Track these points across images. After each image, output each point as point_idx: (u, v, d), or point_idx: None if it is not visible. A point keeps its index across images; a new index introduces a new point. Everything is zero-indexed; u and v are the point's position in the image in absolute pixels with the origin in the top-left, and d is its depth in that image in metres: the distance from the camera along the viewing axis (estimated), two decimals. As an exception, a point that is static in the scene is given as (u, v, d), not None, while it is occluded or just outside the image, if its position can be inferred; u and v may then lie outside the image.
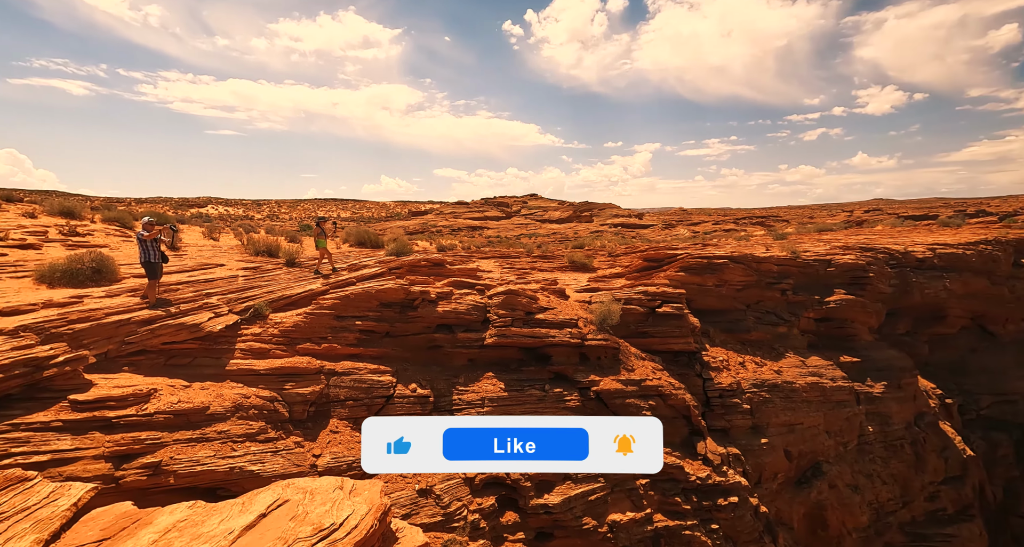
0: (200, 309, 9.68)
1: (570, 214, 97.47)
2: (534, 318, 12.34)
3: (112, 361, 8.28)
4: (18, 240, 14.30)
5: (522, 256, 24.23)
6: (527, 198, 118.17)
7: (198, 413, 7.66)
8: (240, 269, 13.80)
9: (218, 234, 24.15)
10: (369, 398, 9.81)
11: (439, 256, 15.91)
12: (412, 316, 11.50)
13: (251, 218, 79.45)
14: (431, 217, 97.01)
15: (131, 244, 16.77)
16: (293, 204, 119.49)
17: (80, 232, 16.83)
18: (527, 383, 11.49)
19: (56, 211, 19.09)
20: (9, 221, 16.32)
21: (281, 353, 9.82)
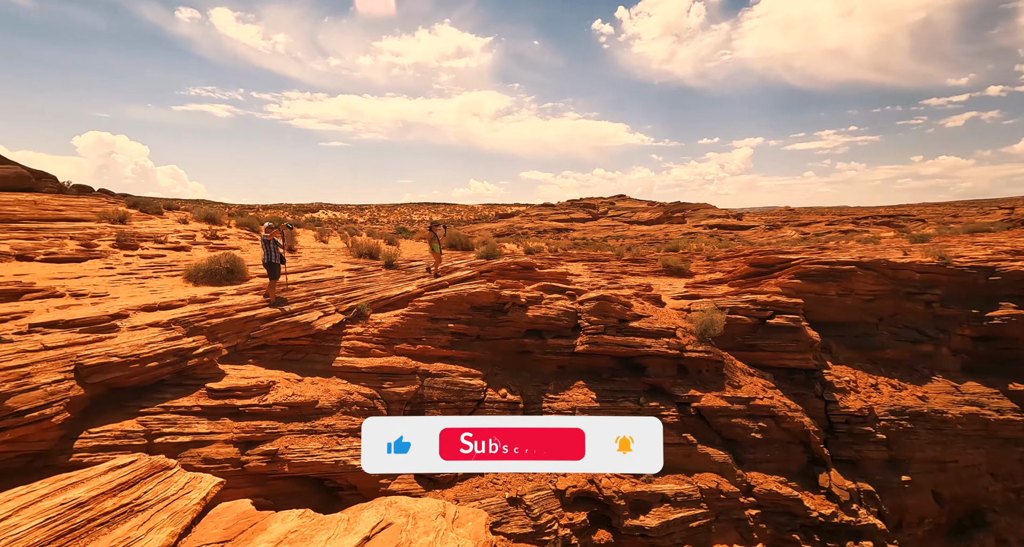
0: (311, 308, 10.46)
1: (660, 215, 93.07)
2: (628, 326, 11.68)
3: (240, 353, 9.21)
4: (173, 243, 16.73)
5: (611, 259, 23.38)
6: (614, 199, 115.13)
7: (308, 406, 8.22)
8: (345, 270, 14.84)
9: (327, 237, 26.41)
10: (461, 401, 9.90)
11: (528, 259, 15.80)
12: (502, 320, 11.45)
13: (354, 222, 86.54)
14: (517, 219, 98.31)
15: (258, 246, 18.87)
16: (390, 208, 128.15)
17: (219, 236, 19.31)
18: (620, 394, 10.89)
19: (202, 217, 22.14)
20: (168, 226, 19.21)
21: (380, 352, 10.28)
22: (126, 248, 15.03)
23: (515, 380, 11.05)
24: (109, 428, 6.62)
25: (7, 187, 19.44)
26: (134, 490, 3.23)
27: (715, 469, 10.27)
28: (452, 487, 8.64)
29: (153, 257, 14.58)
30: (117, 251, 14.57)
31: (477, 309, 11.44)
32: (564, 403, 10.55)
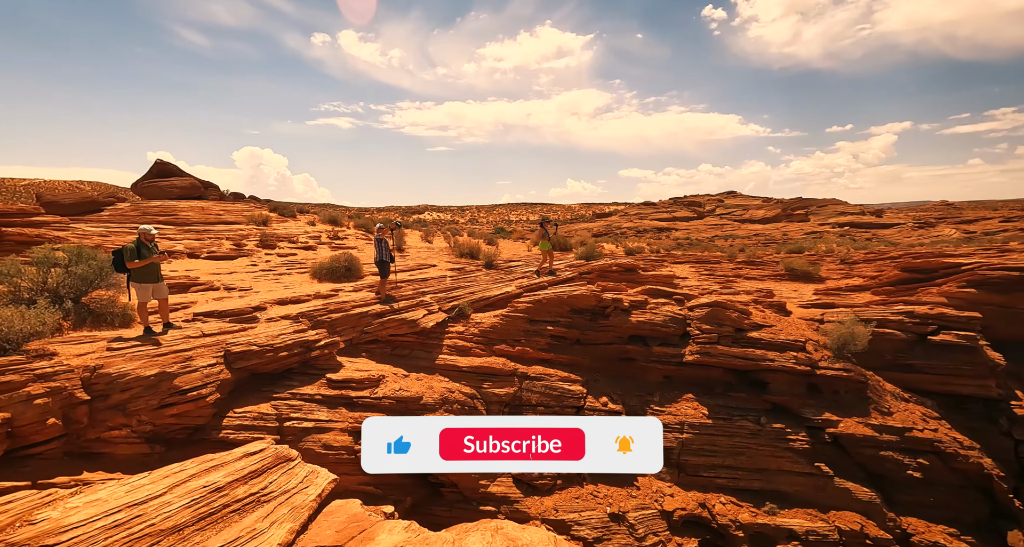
0: (417, 306, 10.90)
1: (777, 212, 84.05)
2: (746, 336, 10.46)
3: (355, 347, 9.88)
4: (303, 243, 18.76)
5: (722, 261, 21.43)
6: (723, 196, 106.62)
7: (414, 401, 8.53)
8: (448, 270, 15.38)
9: (431, 237, 27.83)
10: (560, 406, 9.61)
11: (630, 261, 15.00)
12: (604, 325, 10.93)
13: (456, 222, 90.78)
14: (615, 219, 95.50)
15: (371, 246, 20.44)
16: (489, 209, 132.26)
17: (340, 236, 21.27)
18: (736, 412, 9.77)
19: (326, 220, 24.62)
20: (299, 228, 21.64)
21: (480, 352, 10.38)
22: (266, 247, 17.14)
23: (616, 388, 10.48)
24: (249, 409, 7.43)
25: (184, 196, 23.35)
26: (262, 479, 3.38)
27: (858, 508, 8.74)
28: (551, 495, 8.39)
29: (287, 255, 16.42)
30: (260, 250, 16.67)
31: (577, 312, 11.06)
32: (671, 417, 9.73)
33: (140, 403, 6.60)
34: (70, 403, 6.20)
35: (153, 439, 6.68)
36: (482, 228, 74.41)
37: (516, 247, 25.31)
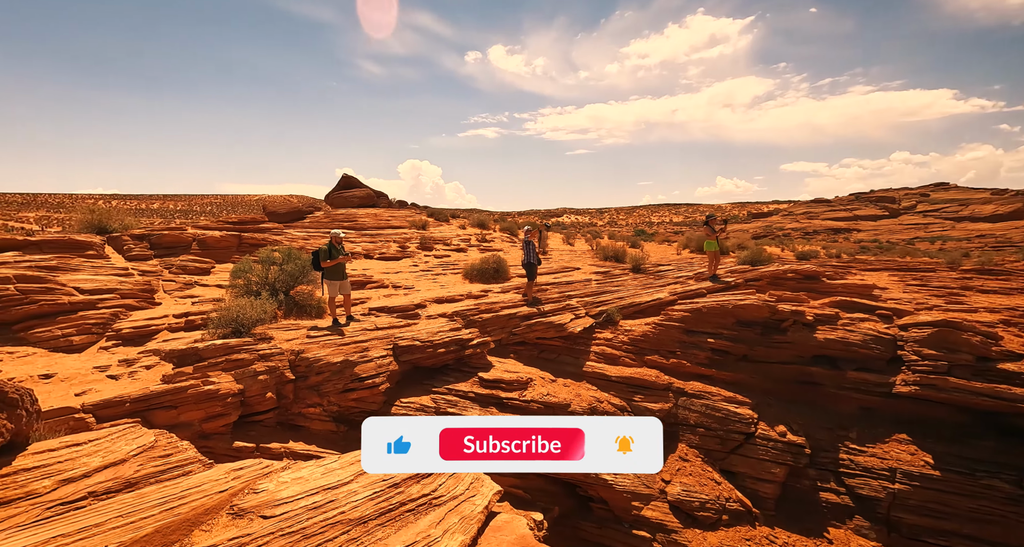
0: (563, 310, 10.70)
1: (1017, 208, 64.88)
2: (995, 368, 7.92)
3: (503, 348, 10.07)
4: (455, 245, 20.17)
5: (938, 269, 16.98)
6: (928, 189, 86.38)
7: (561, 408, 8.30)
8: (592, 273, 14.94)
9: (573, 240, 27.66)
10: (724, 430, 8.45)
11: (811, 267, 12.70)
12: (779, 341, 9.35)
13: (595, 225, 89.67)
14: (777, 219, 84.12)
15: (515, 248, 21.06)
16: (629, 211, 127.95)
17: (487, 239, 22.39)
18: (980, 467, 7.43)
19: (475, 223, 26.19)
20: (452, 231, 23.37)
21: (630, 362, 9.72)
22: (425, 249, 18.79)
23: (795, 416, 8.85)
24: (413, 400, 8.00)
25: (361, 204, 27.05)
26: (431, 480, 3.36)
27: None
28: (715, 531, 7.36)
29: (442, 257, 17.75)
30: (420, 252, 18.35)
31: (744, 325, 9.66)
32: (877, 460, 7.83)
33: (329, 386, 7.56)
34: (281, 381, 7.38)
35: (338, 419, 7.59)
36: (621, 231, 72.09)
37: (663, 250, 23.69)
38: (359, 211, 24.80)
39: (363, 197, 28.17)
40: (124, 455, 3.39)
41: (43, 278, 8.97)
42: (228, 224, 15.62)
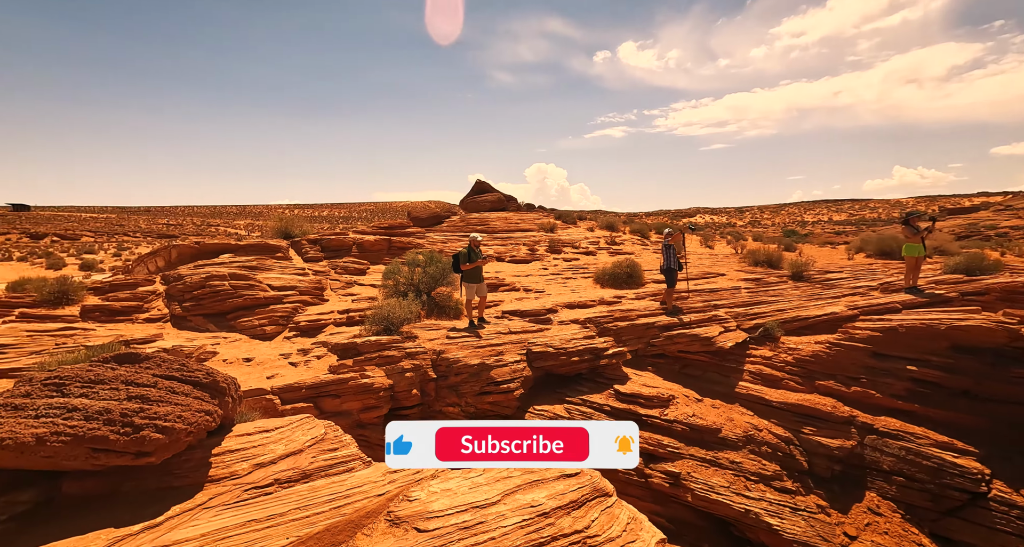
0: (710, 321, 9.59)
1: None
2: None
3: (640, 359, 9.38)
4: (584, 248, 19.74)
5: None
6: None
7: (710, 433, 7.36)
8: (740, 280, 13.27)
9: (712, 242, 25.24)
10: (936, 484, 6.65)
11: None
12: (1020, 375, 7.10)
13: (733, 225, 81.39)
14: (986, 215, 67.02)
15: (648, 252, 19.86)
16: (775, 209, 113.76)
17: (617, 242, 21.53)
18: None
19: (603, 225, 25.44)
20: (580, 234, 22.99)
21: (796, 386, 8.28)
22: (554, 252, 18.71)
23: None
24: (546, 408, 7.82)
25: (492, 208, 28.17)
26: (583, 514, 3.03)
27: None
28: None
29: (571, 260, 17.48)
30: (548, 255, 18.32)
31: (964, 351, 7.55)
32: None
33: (467, 387, 7.75)
34: (424, 379, 7.78)
35: (475, 420, 7.74)
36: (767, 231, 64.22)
37: (826, 254, 20.25)
38: (491, 215, 25.81)
39: (494, 201, 29.31)
40: (301, 445, 3.70)
41: (247, 276, 10.84)
42: (380, 229, 17.39)
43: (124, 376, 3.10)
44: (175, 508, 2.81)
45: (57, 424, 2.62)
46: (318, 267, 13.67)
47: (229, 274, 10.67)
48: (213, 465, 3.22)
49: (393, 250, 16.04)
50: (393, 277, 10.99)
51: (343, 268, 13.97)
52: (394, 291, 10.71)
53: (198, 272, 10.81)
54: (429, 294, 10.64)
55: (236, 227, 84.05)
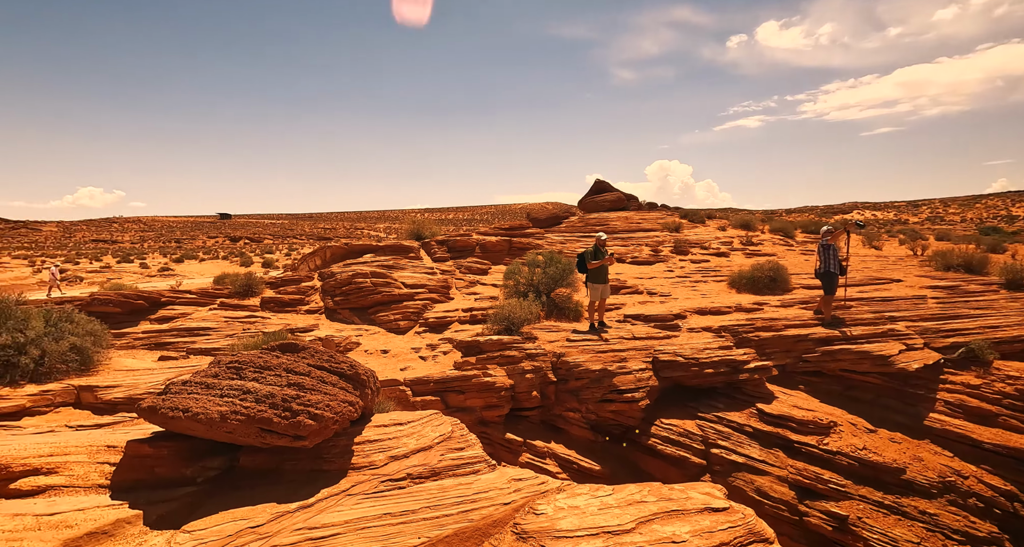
0: (884, 337, 7.92)
1: None
2: None
3: (788, 376, 8.12)
4: (715, 249, 18.00)
5: None
6: None
7: (889, 473, 6.02)
8: (924, 287, 10.82)
9: (879, 242, 21.25)
10: None
11: None
12: None
13: (905, 222, 67.97)
14: None
15: (793, 253, 17.38)
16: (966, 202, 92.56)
17: (754, 242, 19.25)
18: None
19: (737, 224, 23.00)
20: (709, 233, 21.07)
21: (1020, 424, 6.39)
22: (680, 253, 17.37)
23: None
24: (675, 423, 7.16)
25: (612, 208, 27.31)
26: None
27: None
28: None
29: (700, 262, 16.04)
30: (674, 256, 17.06)
31: None
32: None
33: (588, 393, 7.44)
34: (544, 381, 7.67)
35: (596, 428, 7.40)
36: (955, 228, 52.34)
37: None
38: (610, 215, 25.02)
39: (613, 201, 28.37)
40: (430, 441, 3.77)
41: (384, 275, 11.89)
42: (501, 230, 17.88)
43: (285, 364, 3.45)
44: (324, 491, 3.02)
45: (235, 404, 2.97)
46: (445, 267, 14.48)
47: (370, 272, 11.80)
48: (355, 453, 3.42)
49: (513, 250, 16.35)
50: (513, 277, 11.12)
51: (467, 268, 14.60)
52: (514, 291, 10.82)
53: (346, 270, 12.15)
54: (548, 295, 10.54)
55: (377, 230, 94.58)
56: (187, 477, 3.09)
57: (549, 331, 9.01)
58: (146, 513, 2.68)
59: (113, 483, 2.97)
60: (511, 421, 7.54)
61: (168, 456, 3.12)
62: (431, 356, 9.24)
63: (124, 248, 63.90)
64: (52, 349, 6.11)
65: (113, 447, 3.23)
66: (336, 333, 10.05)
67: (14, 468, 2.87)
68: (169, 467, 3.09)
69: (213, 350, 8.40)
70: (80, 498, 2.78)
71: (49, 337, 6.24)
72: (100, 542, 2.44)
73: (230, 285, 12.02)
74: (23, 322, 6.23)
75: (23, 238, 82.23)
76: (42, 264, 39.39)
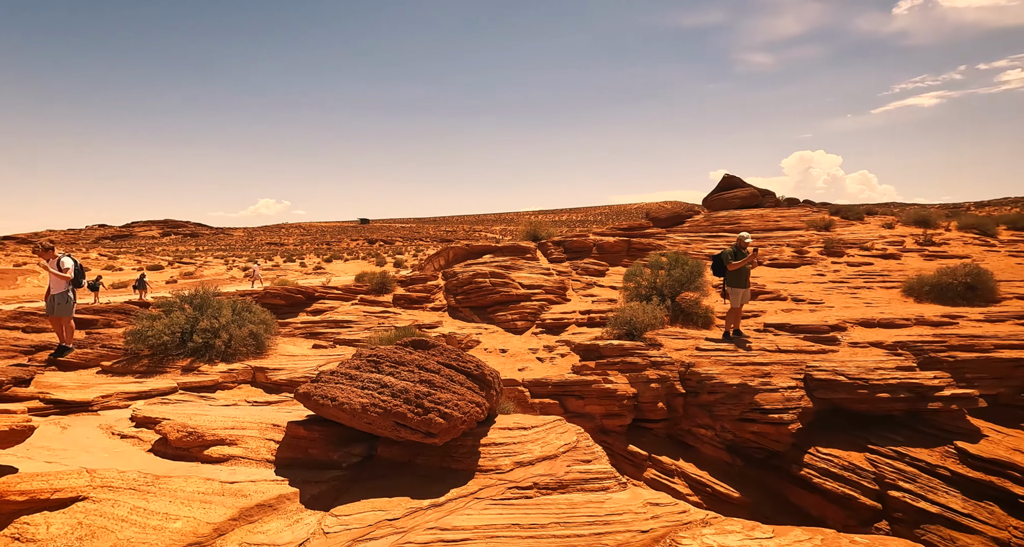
0: None
1: None
2: None
3: (1003, 410, 6.37)
4: (880, 250, 15.13)
5: None
6: None
7: None
8: None
9: None
10: None
11: None
12: None
13: None
14: None
15: (995, 255, 13.87)
16: None
17: (935, 242, 15.79)
18: None
19: (910, 221, 19.11)
20: (871, 232, 17.82)
21: None
22: (832, 255, 14.94)
23: None
24: (836, 453, 6.03)
25: (743, 205, 24.73)
26: None
27: None
28: None
29: (859, 265, 13.63)
30: (824, 258, 14.73)
31: None
32: None
33: (723, 410, 6.65)
34: (671, 392, 7.05)
35: (733, 449, 6.58)
36: None
37: None
38: (742, 212, 22.64)
39: (745, 197, 25.64)
40: (555, 450, 3.59)
41: (502, 275, 12.13)
42: (619, 231, 17.19)
43: (417, 360, 3.54)
44: (453, 491, 3.00)
45: (374, 397, 3.11)
46: (561, 268, 14.34)
47: (489, 273, 12.13)
48: (481, 455, 3.38)
49: (632, 251, 15.59)
50: (634, 279, 10.53)
51: (583, 269, 14.28)
52: (635, 294, 10.23)
53: (467, 270, 12.66)
54: (674, 299, 9.76)
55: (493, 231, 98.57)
56: (334, 461, 3.31)
57: (675, 338, 8.30)
58: (302, 491, 2.91)
59: (277, 459, 3.30)
60: (633, 432, 7.06)
61: (319, 439, 3.39)
62: (548, 357, 9.13)
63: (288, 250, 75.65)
64: (237, 334, 7.26)
65: (277, 426, 3.61)
66: (458, 330, 10.49)
67: (207, 437, 3.35)
68: (320, 449, 3.35)
69: (354, 341, 9.30)
70: (252, 470, 3.13)
71: (234, 324, 7.43)
72: (266, 514, 2.69)
73: (368, 283, 13.31)
74: (217, 311, 7.52)
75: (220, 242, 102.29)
76: (233, 262, 48.38)
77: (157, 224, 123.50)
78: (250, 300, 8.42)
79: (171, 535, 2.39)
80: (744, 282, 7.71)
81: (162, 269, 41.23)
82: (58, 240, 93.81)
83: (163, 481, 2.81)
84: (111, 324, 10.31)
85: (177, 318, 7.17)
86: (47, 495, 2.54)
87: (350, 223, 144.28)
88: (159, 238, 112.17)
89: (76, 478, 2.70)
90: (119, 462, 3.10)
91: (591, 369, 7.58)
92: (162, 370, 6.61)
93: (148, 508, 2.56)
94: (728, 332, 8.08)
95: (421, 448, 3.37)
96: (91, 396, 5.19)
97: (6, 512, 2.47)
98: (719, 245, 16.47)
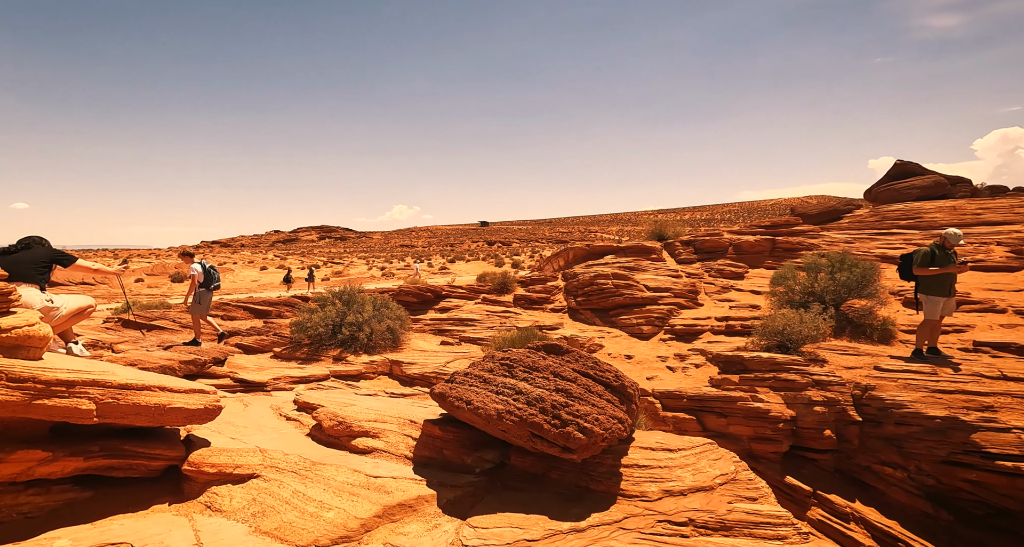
0: None
1: None
2: None
3: None
4: None
5: None
6: None
7: None
8: None
9: None
10: None
11: None
12: None
13: None
14: None
15: None
16: None
17: None
18: None
19: None
20: None
21: None
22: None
23: None
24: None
25: (924, 196, 20.36)
26: None
27: None
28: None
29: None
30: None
31: None
32: None
33: (920, 447, 5.31)
34: (842, 419, 5.85)
35: (935, 498, 5.20)
36: None
37: None
38: (923, 204, 18.65)
39: (926, 186, 21.05)
40: (709, 480, 3.07)
41: (626, 276, 11.48)
42: (760, 228, 15.25)
43: (552, 367, 3.30)
44: (595, 516, 2.70)
45: (509, 403, 2.94)
46: (691, 269, 13.16)
47: (611, 274, 11.56)
48: (623, 477, 3.02)
49: (776, 252, 13.70)
50: (785, 283, 9.14)
51: (718, 271, 12.92)
52: (785, 300, 8.87)
53: (588, 271, 12.26)
54: (838, 307, 8.24)
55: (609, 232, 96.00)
56: (468, 465, 3.23)
57: (844, 354, 6.94)
58: (439, 495, 2.86)
59: (414, 456, 3.33)
60: (790, 461, 6.02)
61: (453, 441, 3.34)
62: (680, 367, 8.34)
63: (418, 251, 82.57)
64: (376, 328, 7.87)
65: (414, 422, 3.67)
66: (579, 333, 10.15)
67: (354, 428, 3.51)
68: (454, 451, 3.30)
69: (478, 339, 9.52)
70: (392, 465, 3.18)
71: (374, 319, 8.06)
72: (407, 514, 2.67)
73: (490, 283, 13.66)
74: (361, 306, 8.23)
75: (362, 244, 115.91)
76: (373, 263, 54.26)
77: (315, 229, 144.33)
78: (387, 297, 9.10)
79: (325, 525, 2.47)
80: (947, 290, 6.12)
81: (319, 268, 47.80)
82: (248, 244, 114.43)
83: (318, 467, 2.97)
84: (281, 315, 11.99)
85: (329, 311, 8.00)
86: (230, 470, 2.82)
87: (471, 226, 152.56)
88: (316, 241, 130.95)
89: (252, 456, 2.98)
90: (284, 444, 3.39)
91: (734, 384, 6.68)
92: (317, 358, 7.40)
93: (306, 493, 2.70)
94: (920, 349, 6.50)
95: (556, 462, 3.12)
96: (266, 378, 5.96)
97: (201, 481, 2.79)
98: (893, 243, 13.67)
